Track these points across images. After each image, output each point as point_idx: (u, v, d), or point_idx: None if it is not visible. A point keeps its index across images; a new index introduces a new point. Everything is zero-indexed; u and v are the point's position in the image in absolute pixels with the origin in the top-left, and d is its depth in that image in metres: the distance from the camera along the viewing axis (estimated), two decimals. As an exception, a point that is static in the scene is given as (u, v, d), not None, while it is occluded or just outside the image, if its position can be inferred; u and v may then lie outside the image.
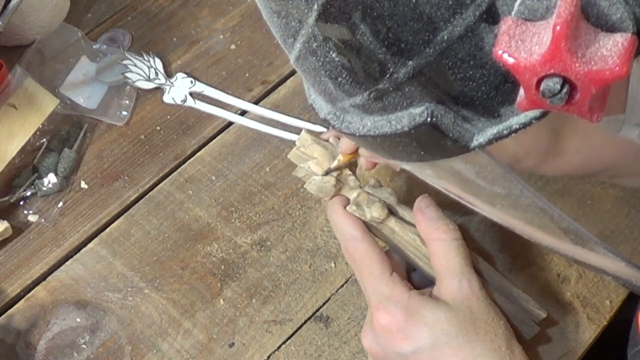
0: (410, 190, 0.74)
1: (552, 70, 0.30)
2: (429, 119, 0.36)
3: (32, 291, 0.71)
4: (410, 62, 0.34)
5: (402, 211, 0.63)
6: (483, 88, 0.34)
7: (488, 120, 0.36)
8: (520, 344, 0.58)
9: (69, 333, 0.69)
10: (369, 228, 0.62)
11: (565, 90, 0.31)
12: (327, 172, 0.63)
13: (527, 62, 0.30)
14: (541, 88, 0.31)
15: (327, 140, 0.65)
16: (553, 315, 0.65)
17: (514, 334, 0.58)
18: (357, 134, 0.39)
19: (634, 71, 0.39)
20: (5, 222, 0.74)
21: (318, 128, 0.79)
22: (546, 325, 0.64)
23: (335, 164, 0.64)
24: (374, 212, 0.61)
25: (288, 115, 0.82)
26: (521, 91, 0.32)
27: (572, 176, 0.61)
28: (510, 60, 0.31)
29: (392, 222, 0.62)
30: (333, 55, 0.36)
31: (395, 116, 0.37)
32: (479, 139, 0.36)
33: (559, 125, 0.57)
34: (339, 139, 0.66)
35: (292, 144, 0.66)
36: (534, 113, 0.34)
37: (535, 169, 0.57)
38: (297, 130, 0.79)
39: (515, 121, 0.35)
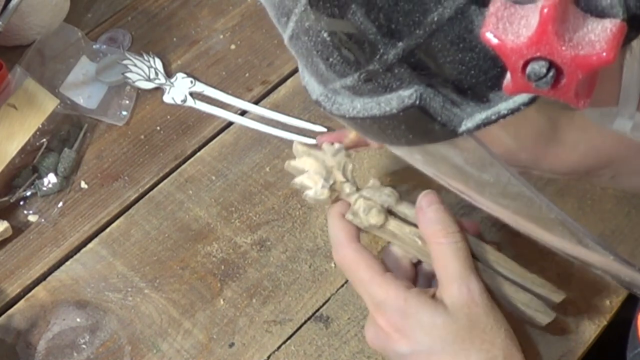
0: (415, 186, 0.73)
1: (538, 54, 0.30)
2: (417, 102, 0.36)
3: (32, 291, 0.71)
4: (400, 44, 0.34)
5: (404, 209, 0.62)
6: (472, 72, 0.34)
7: (477, 105, 0.36)
8: (524, 341, 0.58)
9: (69, 333, 0.69)
10: (371, 232, 0.62)
11: (551, 74, 0.31)
12: (324, 159, 0.63)
13: (513, 44, 0.30)
14: (527, 71, 0.31)
15: (319, 147, 0.64)
16: (561, 312, 0.65)
17: (517, 341, 0.57)
18: (347, 116, 0.39)
19: (627, 62, 0.39)
20: (5, 222, 0.74)
21: (318, 128, 0.79)
22: (546, 325, 0.63)
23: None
24: (371, 220, 0.61)
25: (288, 115, 0.82)
26: (508, 74, 0.32)
27: (572, 173, 0.60)
28: (496, 42, 0.31)
29: (392, 226, 0.62)
30: (324, 35, 0.36)
31: (385, 98, 0.37)
32: (467, 124, 0.36)
33: (555, 116, 0.57)
34: (332, 144, 0.65)
35: (292, 144, 0.66)
36: (522, 99, 0.34)
37: (534, 163, 0.56)
38: (297, 131, 0.79)
39: (503, 107, 0.35)
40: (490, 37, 0.31)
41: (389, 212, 0.62)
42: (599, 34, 0.30)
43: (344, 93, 0.39)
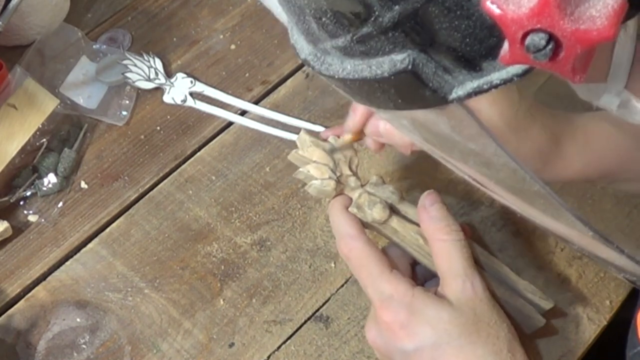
0: (414, 186, 0.74)
1: (538, 25, 0.30)
2: (409, 67, 0.35)
3: (32, 291, 0.71)
4: (397, 7, 0.33)
5: (405, 208, 0.63)
6: (467, 40, 0.33)
7: (469, 74, 0.35)
8: (524, 341, 0.58)
9: (69, 333, 0.69)
10: (372, 228, 0.62)
11: (550, 46, 0.31)
12: (332, 150, 0.63)
13: (514, 15, 0.30)
14: (526, 42, 0.31)
15: (326, 140, 0.65)
16: (553, 315, 0.65)
17: (517, 336, 0.58)
18: (337, 77, 0.39)
19: (621, 40, 0.39)
20: (5, 222, 0.74)
21: (318, 128, 0.79)
22: (546, 325, 0.64)
23: (340, 141, 0.63)
24: (375, 214, 0.61)
25: (288, 115, 0.82)
26: (505, 44, 0.32)
27: (572, 182, 0.60)
28: (498, 12, 0.31)
29: (395, 222, 0.62)
30: None
31: (376, 61, 0.37)
32: (458, 92, 0.36)
33: (558, 131, 0.57)
34: (338, 136, 0.65)
35: (292, 144, 0.66)
36: (515, 70, 0.34)
37: (537, 174, 0.56)
38: (297, 130, 0.79)
39: (496, 76, 0.35)
40: (491, 6, 0.31)
41: (391, 210, 0.62)
42: (600, 9, 0.30)
43: (334, 53, 0.38)
